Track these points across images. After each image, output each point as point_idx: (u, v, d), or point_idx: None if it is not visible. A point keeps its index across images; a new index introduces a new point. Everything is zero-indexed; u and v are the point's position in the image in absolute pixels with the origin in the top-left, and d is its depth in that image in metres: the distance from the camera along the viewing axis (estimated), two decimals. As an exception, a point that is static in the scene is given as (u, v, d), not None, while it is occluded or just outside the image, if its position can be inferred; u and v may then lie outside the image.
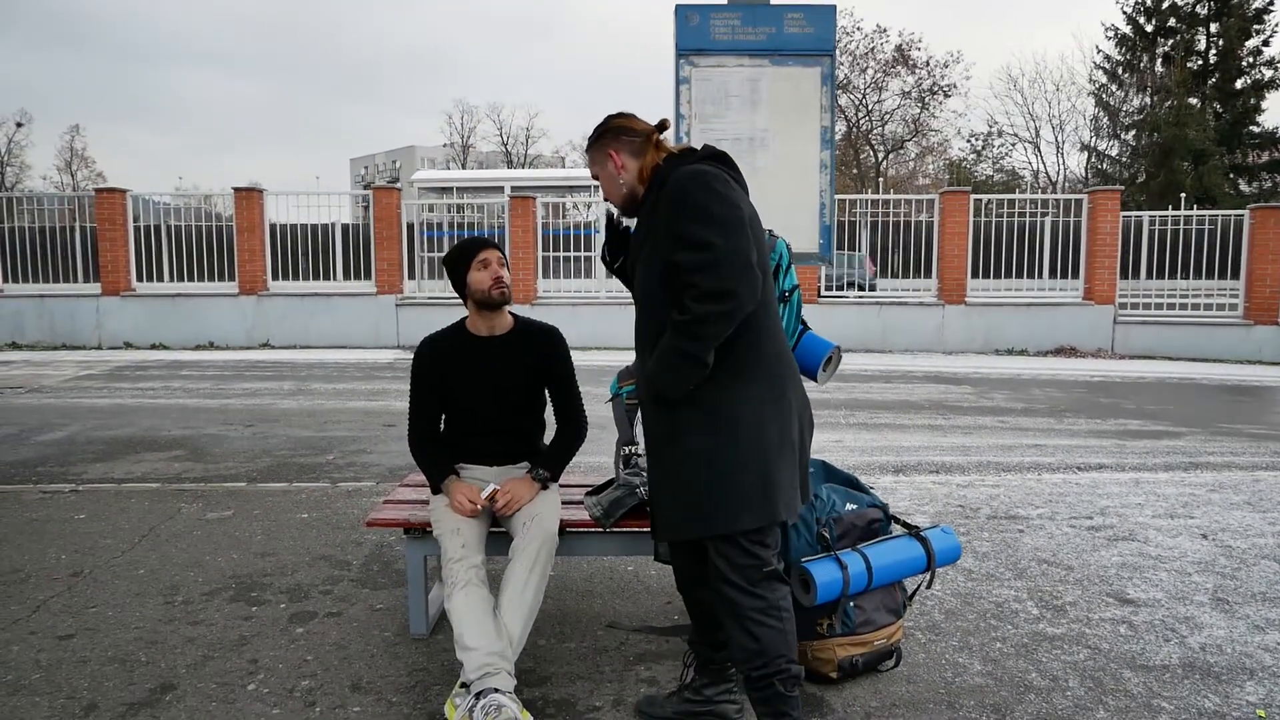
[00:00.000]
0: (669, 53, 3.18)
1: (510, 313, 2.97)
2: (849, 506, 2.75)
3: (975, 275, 13.20)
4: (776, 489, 2.12)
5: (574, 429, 3.02)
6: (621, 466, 3.09)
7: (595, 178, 2.42)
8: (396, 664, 2.80)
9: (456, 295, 2.92)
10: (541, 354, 2.96)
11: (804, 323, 2.74)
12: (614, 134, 2.33)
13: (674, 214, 2.08)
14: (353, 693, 2.61)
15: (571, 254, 13.95)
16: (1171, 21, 31.09)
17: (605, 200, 2.59)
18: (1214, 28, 30.53)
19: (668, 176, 2.17)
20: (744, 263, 2.00)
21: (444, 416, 2.99)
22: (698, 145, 3.12)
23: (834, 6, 3.05)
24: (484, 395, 2.91)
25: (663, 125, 2.35)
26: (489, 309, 2.89)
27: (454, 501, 2.75)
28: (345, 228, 14.94)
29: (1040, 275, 13.77)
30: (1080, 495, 4.93)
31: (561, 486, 3.10)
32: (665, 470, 2.19)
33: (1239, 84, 30.39)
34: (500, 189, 13.72)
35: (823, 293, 13.27)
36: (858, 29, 36.15)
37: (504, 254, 2.92)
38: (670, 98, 3.11)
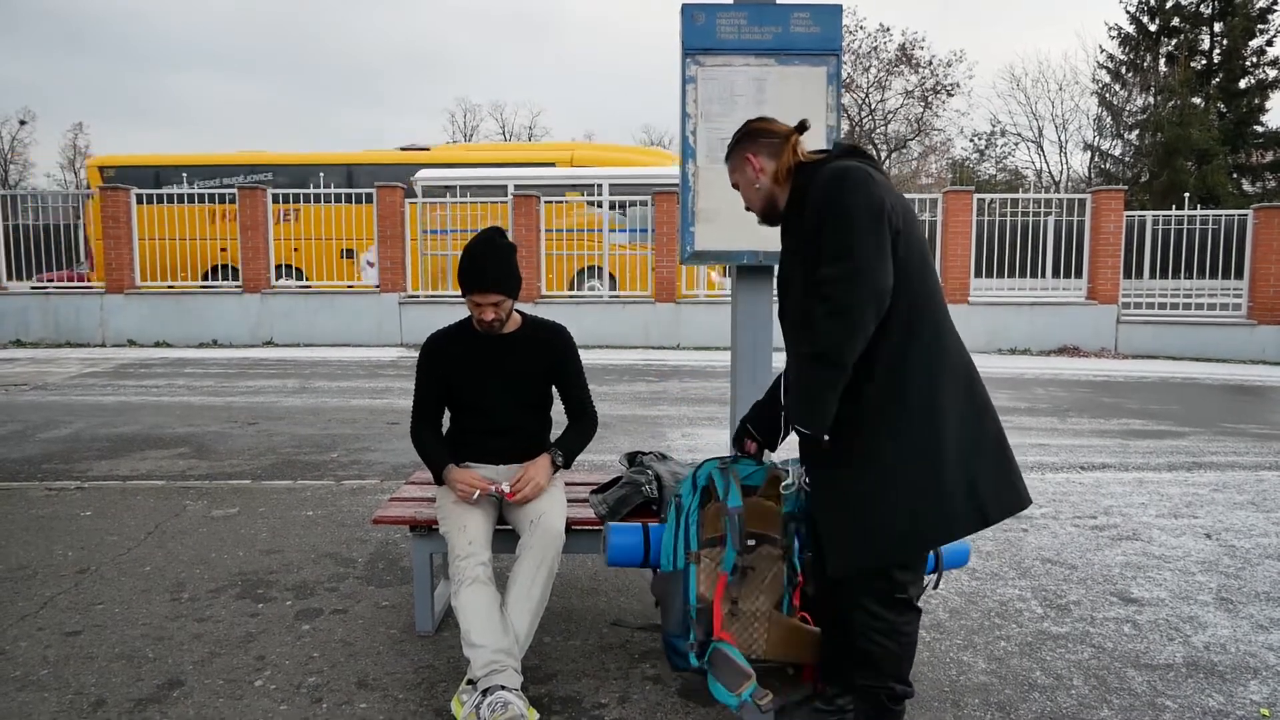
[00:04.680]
0: (671, 51, 3.19)
1: (518, 311, 2.98)
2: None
3: (978, 275, 13.20)
4: (941, 510, 2.03)
5: (587, 421, 3.03)
6: (627, 465, 3.11)
7: (735, 186, 2.34)
8: (402, 661, 2.81)
9: (459, 294, 2.92)
10: (550, 353, 2.97)
11: None
12: (752, 137, 2.27)
13: (819, 220, 2.00)
14: (359, 689, 2.62)
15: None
16: (1175, 21, 31.08)
17: (746, 209, 2.35)
18: (1218, 27, 30.52)
19: (810, 181, 2.08)
20: (876, 281, 1.93)
21: (450, 414, 3.00)
22: (703, 145, 3.14)
23: (840, 6, 3.06)
24: (490, 392, 2.91)
25: (803, 126, 2.23)
26: None
27: (456, 490, 2.75)
28: (349, 226, 14.91)
29: (1043, 275, 13.74)
30: (1084, 495, 4.93)
31: (567, 485, 3.11)
32: (833, 500, 2.12)
33: (1243, 84, 30.37)
34: (504, 188, 13.66)
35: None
36: (860, 28, 36.20)
37: (509, 271, 2.81)
38: (677, 96, 3.12)
